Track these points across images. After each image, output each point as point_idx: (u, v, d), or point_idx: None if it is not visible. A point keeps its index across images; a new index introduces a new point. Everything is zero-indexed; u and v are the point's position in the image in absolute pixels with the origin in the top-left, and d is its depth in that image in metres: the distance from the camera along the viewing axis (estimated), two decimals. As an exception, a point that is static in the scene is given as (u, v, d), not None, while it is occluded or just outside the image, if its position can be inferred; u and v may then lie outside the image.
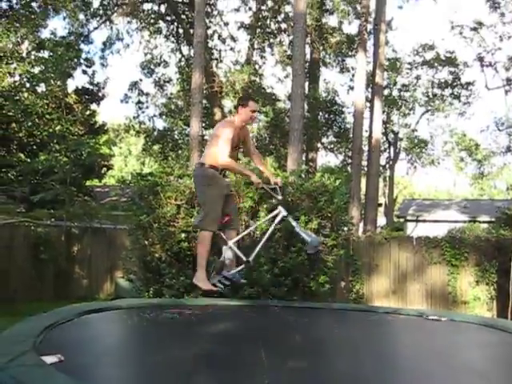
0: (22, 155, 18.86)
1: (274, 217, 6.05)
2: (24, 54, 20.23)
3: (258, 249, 6.03)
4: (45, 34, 21.42)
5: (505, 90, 25.91)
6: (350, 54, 23.54)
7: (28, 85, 19.27)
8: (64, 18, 21.90)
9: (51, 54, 17.87)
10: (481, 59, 25.65)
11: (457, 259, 11.53)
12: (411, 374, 3.74)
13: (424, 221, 24.52)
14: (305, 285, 8.12)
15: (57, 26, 29.86)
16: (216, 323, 5.54)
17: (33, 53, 20.46)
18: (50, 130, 18.14)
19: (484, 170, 35.58)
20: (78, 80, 49.25)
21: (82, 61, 21.21)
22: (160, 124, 45.52)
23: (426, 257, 11.77)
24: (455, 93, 28.17)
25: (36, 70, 19.23)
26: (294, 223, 5.88)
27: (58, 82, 18.50)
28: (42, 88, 19.37)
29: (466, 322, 5.59)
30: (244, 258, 5.95)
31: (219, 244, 6.14)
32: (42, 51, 20.07)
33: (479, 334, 5.22)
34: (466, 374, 3.65)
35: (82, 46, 22.21)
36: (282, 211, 5.90)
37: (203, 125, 17.29)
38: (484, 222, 21.27)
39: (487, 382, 3.43)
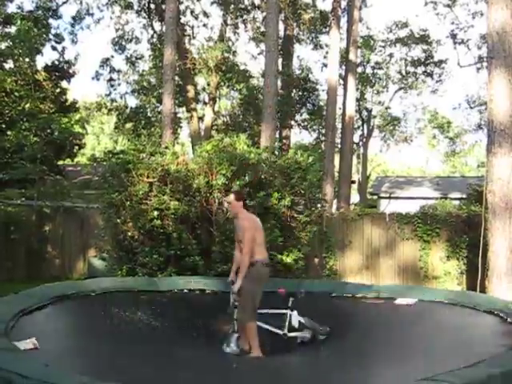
0: (-10, 134, 18.43)
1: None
2: (-10, 30, 19.66)
3: None
4: (11, 8, 20.84)
5: (476, 68, 26.11)
6: (323, 30, 23.40)
7: (-5, 61, 18.77)
8: (31, -8, 21.35)
9: (18, 29, 17.34)
10: (453, 36, 25.75)
11: (428, 235, 11.68)
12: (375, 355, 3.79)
13: (397, 198, 24.75)
14: (278, 261, 8.17)
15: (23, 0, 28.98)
16: (186, 306, 5.52)
17: (-1, 28, 19.91)
18: (19, 108, 17.69)
19: (456, 148, 36.02)
20: (47, 56, 48.09)
21: (51, 36, 20.68)
22: (132, 101, 44.96)
23: (398, 233, 11.90)
24: (428, 70, 28.31)
25: (3, 45, 18.72)
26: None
27: (27, 59, 18.02)
28: (9, 64, 18.87)
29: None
30: None
31: None
32: (8, 26, 19.50)
33: (449, 309, 5.31)
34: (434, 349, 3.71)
35: (51, 20, 21.61)
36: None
37: (176, 102, 17.09)
38: (455, 198, 21.56)
39: (456, 356, 3.49)
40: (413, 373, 3.27)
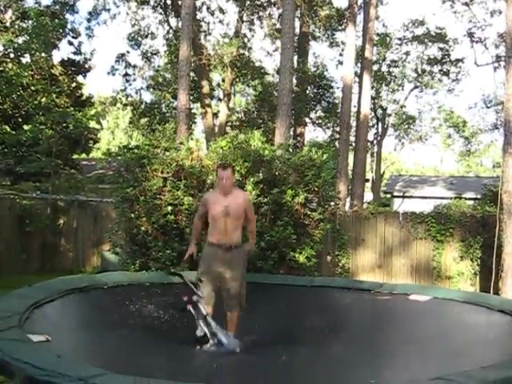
0: (6, 127, 18.59)
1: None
2: (7, 24, 19.80)
3: None
4: (29, 2, 20.98)
5: (494, 67, 25.80)
6: (339, 28, 23.32)
7: (12, 55, 18.90)
8: (49, -13, 21.41)
9: (35, 23, 17.45)
10: (471, 35, 25.48)
11: (442, 235, 11.62)
12: (391, 352, 3.78)
13: (411, 197, 24.63)
14: (291, 259, 8.17)
15: (41, -5, 29.45)
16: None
17: (16, 22, 20.04)
18: (35, 102, 17.82)
19: (471, 147, 35.72)
20: (63, 51, 48.39)
21: (67, 31, 20.78)
22: (147, 97, 44.96)
23: (411, 232, 11.84)
24: (444, 69, 28.10)
25: (20, 40, 18.85)
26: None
27: (43, 53, 18.12)
28: (26, 59, 19.02)
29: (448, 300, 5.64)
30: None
31: None
32: (25, 21, 19.64)
33: (461, 309, 5.28)
34: (447, 349, 3.69)
35: (68, 15, 21.76)
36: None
37: (191, 98, 17.12)
38: (470, 198, 21.41)
39: (469, 355, 3.47)
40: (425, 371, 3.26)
